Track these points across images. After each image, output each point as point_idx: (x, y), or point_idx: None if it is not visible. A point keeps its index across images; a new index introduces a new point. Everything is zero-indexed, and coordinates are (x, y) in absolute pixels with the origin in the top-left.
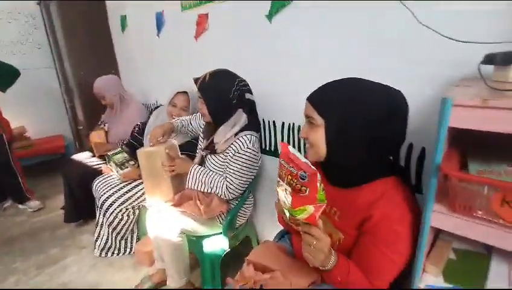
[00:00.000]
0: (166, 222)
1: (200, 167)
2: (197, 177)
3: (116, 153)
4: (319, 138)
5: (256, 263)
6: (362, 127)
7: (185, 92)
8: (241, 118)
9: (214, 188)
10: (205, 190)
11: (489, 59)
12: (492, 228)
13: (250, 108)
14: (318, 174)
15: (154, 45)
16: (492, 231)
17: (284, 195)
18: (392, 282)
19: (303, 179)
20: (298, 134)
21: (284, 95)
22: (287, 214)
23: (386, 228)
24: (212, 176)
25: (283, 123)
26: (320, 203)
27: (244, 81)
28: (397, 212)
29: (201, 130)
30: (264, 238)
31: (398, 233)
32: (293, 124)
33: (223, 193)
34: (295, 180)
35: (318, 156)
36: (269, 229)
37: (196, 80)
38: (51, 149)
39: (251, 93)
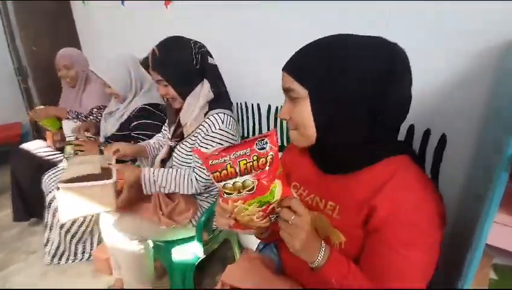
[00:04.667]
0: (121, 227)
1: (152, 169)
2: (154, 181)
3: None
4: (304, 114)
5: (232, 286)
6: (357, 92)
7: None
8: (204, 87)
9: (180, 187)
10: (169, 192)
11: None
12: None
13: (216, 76)
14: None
15: (120, 15)
16: None
17: (243, 193)
18: None
19: (263, 148)
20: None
21: (269, 75)
22: (257, 213)
23: (400, 221)
24: (172, 173)
25: (269, 106)
26: (280, 172)
27: (200, 42)
28: (411, 199)
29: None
30: (246, 240)
31: (416, 225)
32: (281, 107)
33: (192, 188)
34: (254, 159)
35: (307, 139)
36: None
37: (144, 62)
38: (5, 138)
39: (212, 57)
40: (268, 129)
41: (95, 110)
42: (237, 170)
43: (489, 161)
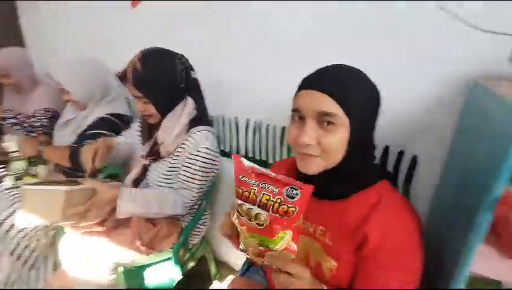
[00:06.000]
0: (90, 253)
1: (132, 189)
2: (135, 201)
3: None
4: (340, 142)
5: None
6: (374, 123)
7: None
8: (188, 105)
9: (163, 209)
10: (151, 217)
11: None
12: None
13: (198, 92)
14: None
15: (73, 13)
16: None
17: (252, 223)
18: None
19: (292, 197)
20: (263, 133)
21: (250, 87)
22: (254, 247)
23: (391, 247)
24: (154, 194)
25: (247, 121)
26: (297, 224)
27: (183, 56)
28: (400, 223)
29: (139, 134)
30: (223, 257)
31: (407, 249)
32: (260, 122)
33: (178, 209)
34: (278, 201)
35: (327, 165)
36: (228, 245)
37: (122, 76)
38: None
39: (194, 70)
40: (246, 146)
41: (40, 112)
42: (257, 200)
43: (456, 183)
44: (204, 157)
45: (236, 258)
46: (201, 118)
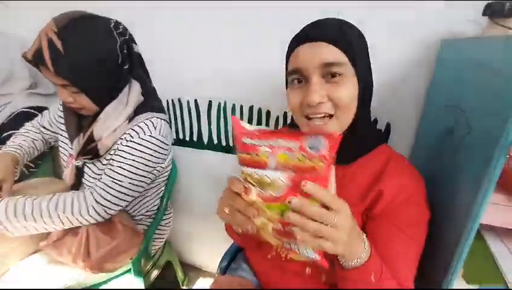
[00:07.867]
0: (28, 277)
1: (8, 200)
2: (13, 216)
3: None
4: (351, 94)
5: None
6: (371, 74)
7: None
8: (133, 91)
9: (66, 222)
10: (45, 229)
11: (494, 9)
12: None
13: (143, 71)
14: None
15: None
16: None
17: (268, 192)
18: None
19: (317, 149)
20: (227, 113)
21: (206, 65)
22: (275, 222)
23: (406, 203)
24: (52, 202)
25: (210, 102)
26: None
27: (121, 23)
28: (411, 182)
29: (61, 127)
30: (189, 259)
31: (420, 206)
32: (224, 102)
33: (92, 215)
34: (298, 157)
35: (342, 125)
36: (192, 246)
37: (33, 57)
38: None
39: (135, 43)
40: (209, 130)
41: None
42: (271, 163)
43: (430, 144)
44: (146, 147)
45: (205, 258)
46: (149, 103)
